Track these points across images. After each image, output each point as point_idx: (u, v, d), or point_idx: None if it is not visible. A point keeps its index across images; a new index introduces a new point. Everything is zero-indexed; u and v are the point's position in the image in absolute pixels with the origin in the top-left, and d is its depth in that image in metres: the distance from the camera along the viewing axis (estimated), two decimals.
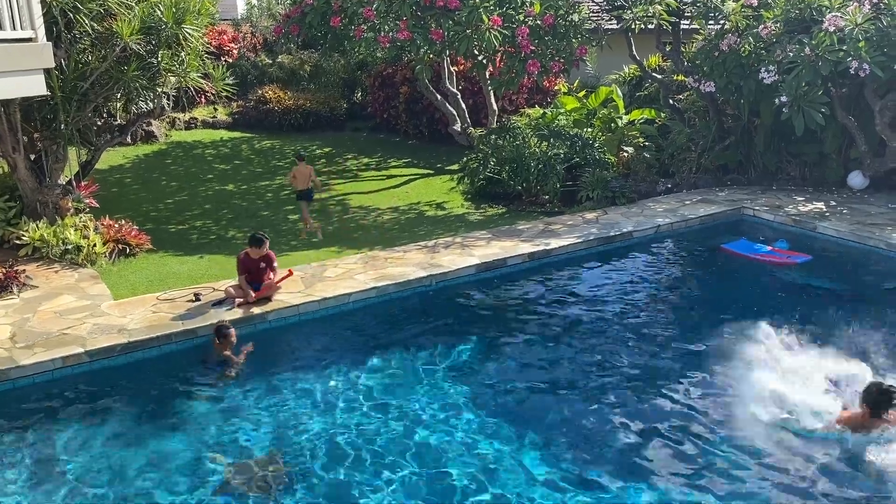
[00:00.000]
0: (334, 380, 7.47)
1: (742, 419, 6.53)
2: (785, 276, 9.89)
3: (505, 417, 6.78)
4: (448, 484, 5.88)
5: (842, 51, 10.93)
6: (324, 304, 8.83)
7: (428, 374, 7.59)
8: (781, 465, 5.96)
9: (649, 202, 12.86)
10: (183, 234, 12.04)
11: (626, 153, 14.61)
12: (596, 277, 10.15)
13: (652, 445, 6.31)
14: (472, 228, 11.87)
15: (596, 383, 7.38)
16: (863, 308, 8.75)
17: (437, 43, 12.60)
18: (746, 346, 7.66)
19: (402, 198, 14.13)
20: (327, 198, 14.13)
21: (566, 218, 12.15)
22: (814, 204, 12.43)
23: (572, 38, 12.94)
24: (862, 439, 6.05)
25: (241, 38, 21.23)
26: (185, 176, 15.47)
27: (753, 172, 14.05)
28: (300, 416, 6.84)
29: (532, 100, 18.65)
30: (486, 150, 13.99)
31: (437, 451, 6.29)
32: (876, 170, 12.89)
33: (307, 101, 19.40)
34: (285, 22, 14.38)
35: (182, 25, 10.52)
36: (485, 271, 10.02)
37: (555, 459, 6.14)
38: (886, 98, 12.09)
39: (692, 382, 7.30)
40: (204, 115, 19.52)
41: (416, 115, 18.53)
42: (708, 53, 13.00)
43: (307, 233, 11.76)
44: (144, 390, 7.36)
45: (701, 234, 11.60)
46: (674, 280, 10.28)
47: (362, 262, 10.12)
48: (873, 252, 10.49)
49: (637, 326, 8.55)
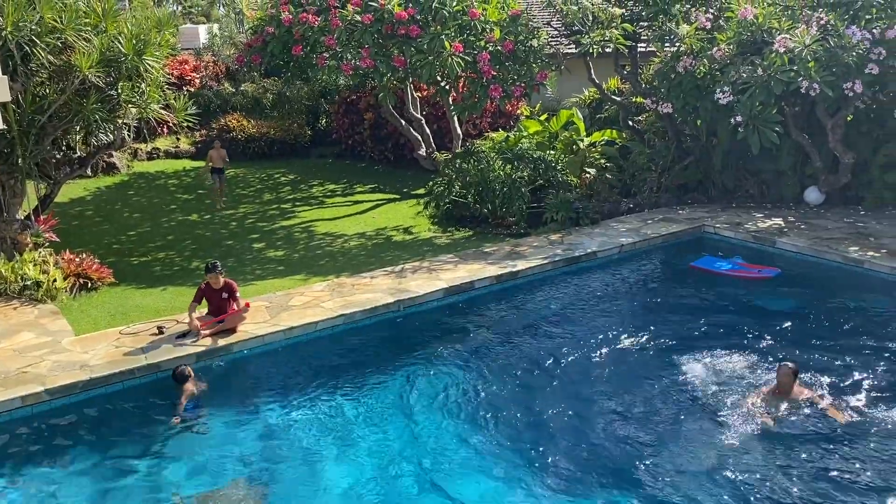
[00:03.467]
0: (301, 409, 7.40)
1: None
2: (742, 291, 10.07)
3: (479, 440, 6.78)
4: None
5: (792, 71, 11.24)
6: (290, 333, 8.76)
7: (398, 400, 7.56)
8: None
9: (612, 222, 13.03)
10: (146, 267, 11.89)
11: (588, 174, 14.80)
12: (562, 298, 10.22)
13: (628, 455, 6.37)
14: (439, 252, 11.91)
15: (568, 401, 7.40)
16: (820, 321, 8.95)
17: (399, 70, 12.71)
18: (710, 359, 7.83)
19: (369, 223, 14.13)
20: (293, 225, 14.07)
21: (532, 239, 12.25)
22: (772, 220, 12.70)
23: (532, 63, 13.14)
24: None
25: (203, 68, 21.18)
26: (147, 207, 15.31)
27: (713, 191, 14.33)
28: (266, 447, 6.76)
29: (495, 124, 18.83)
30: (451, 173, 14.08)
31: (409, 476, 6.27)
32: (831, 185, 13.23)
33: (271, 128, 19.38)
34: (247, 51, 14.38)
35: (142, 57, 10.47)
36: (453, 295, 10.04)
37: (535, 483, 6.15)
38: (837, 116, 12.45)
39: (664, 397, 7.39)
40: (166, 144, 19.39)
41: (382, 141, 18.60)
42: (665, 76, 13.29)
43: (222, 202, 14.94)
44: (107, 427, 7.21)
45: (663, 253, 11.78)
46: (637, 298, 10.38)
47: (329, 290, 10.08)
48: (831, 266, 10.74)
49: (604, 344, 8.61)
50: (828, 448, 6.38)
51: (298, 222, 14.31)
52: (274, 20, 13.36)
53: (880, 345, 8.24)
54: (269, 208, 15.30)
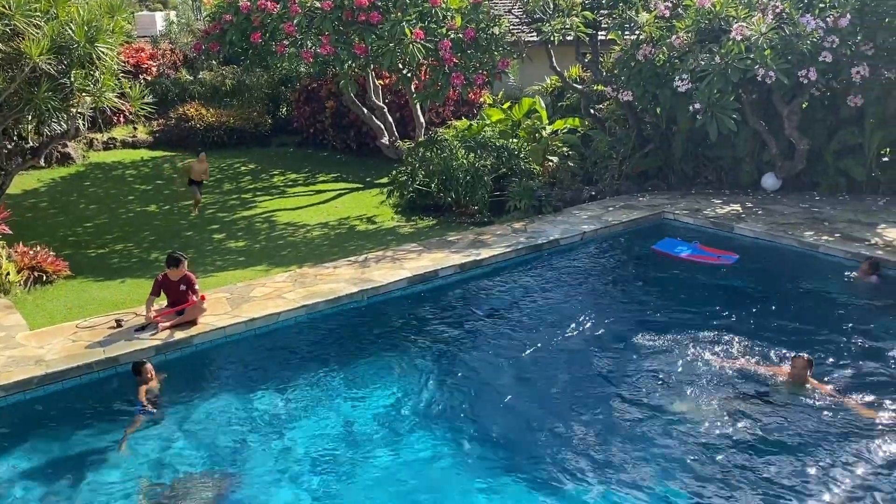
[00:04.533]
0: (263, 401, 7.34)
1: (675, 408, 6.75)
2: (701, 276, 10.23)
3: (445, 429, 6.80)
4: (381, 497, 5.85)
5: (749, 59, 11.41)
6: (251, 324, 8.67)
7: (362, 390, 7.54)
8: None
9: (574, 210, 13.12)
10: (103, 259, 11.65)
11: (550, 162, 14.87)
12: (526, 285, 10.28)
13: (596, 441, 6.45)
14: (402, 241, 11.87)
15: (533, 388, 7.47)
16: (777, 304, 9.15)
17: (360, 57, 12.60)
18: (672, 342, 7.98)
19: (332, 213, 14.02)
20: (254, 215, 13.91)
21: (495, 228, 12.29)
22: (730, 206, 12.92)
23: (494, 51, 13.14)
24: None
25: (160, 56, 20.75)
26: (104, 198, 14.99)
27: (673, 178, 14.51)
28: (228, 439, 6.69)
29: (458, 112, 18.79)
30: (414, 162, 14.04)
31: (373, 464, 6.26)
32: (787, 171, 13.49)
33: (230, 117, 19.08)
34: (205, 39, 14.13)
35: (95, 44, 10.20)
36: (416, 284, 10.03)
37: (493, 467, 6.19)
38: (793, 103, 12.68)
39: (630, 380, 7.50)
40: (123, 134, 18.97)
41: (344, 130, 18.44)
42: (625, 63, 13.40)
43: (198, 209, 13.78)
44: (65, 423, 7.06)
45: (624, 239, 11.91)
46: (598, 284, 10.48)
47: (291, 280, 10.00)
48: (787, 250, 10.97)
49: (567, 330, 8.69)
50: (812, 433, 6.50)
51: (259, 212, 14.15)
52: (232, 7, 13.14)
53: (835, 327, 8.45)
54: (229, 198, 15.09)
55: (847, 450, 6.24)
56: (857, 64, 11.75)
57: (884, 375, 7.46)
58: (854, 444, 6.29)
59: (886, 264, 9.91)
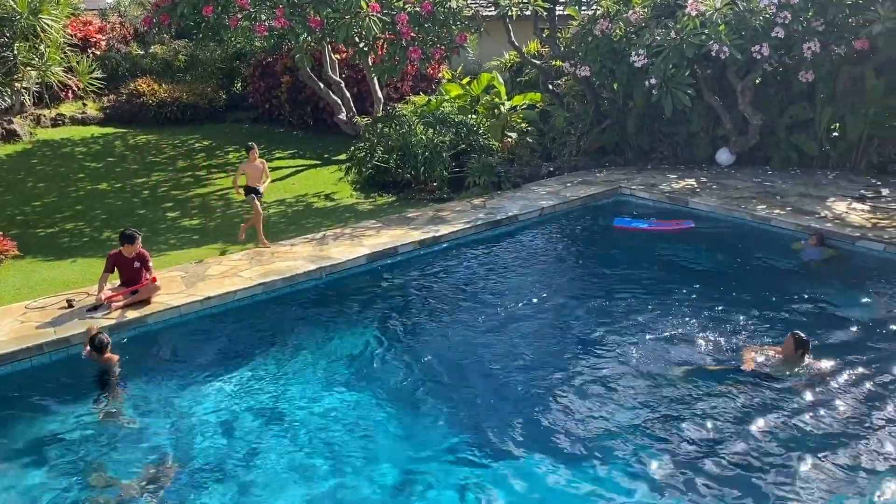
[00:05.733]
0: (219, 381, 7.25)
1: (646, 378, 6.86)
2: (658, 251, 10.38)
3: (402, 406, 6.80)
4: (340, 477, 5.85)
5: (704, 34, 11.52)
6: (207, 303, 8.54)
7: (320, 369, 7.50)
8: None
9: (533, 186, 13.17)
10: (53, 238, 11.35)
11: (510, 138, 14.88)
12: (486, 261, 10.31)
13: (564, 416, 6.50)
14: (361, 218, 11.79)
15: (495, 364, 7.49)
16: (731, 277, 9.34)
17: (316, 30, 12.37)
18: (628, 316, 8.06)
19: (289, 190, 13.85)
20: (209, 193, 13.67)
21: (455, 204, 12.27)
22: (685, 181, 13.09)
23: (452, 25, 13.01)
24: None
25: (109, 29, 20.16)
26: (53, 176, 14.58)
27: (630, 153, 14.64)
28: (185, 421, 6.61)
29: (417, 87, 18.67)
30: (372, 138, 13.92)
31: (332, 445, 6.25)
32: (741, 146, 13.71)
33: (184, 92, 18.67)
34: (155, 12, 13.70)
35: (39, 16, 9.85)
36: (376, 261, 9.99)
37: (454, 442, 6.23)
38: (746, 79, 12.86)
39: (593, 352, 7.60)
40: (72, 111, 18.44)
41: (300, 105, 18.19)
42: (583, 38, 13.42)
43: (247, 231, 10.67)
44: (15, 408, 6.89)
45: (582, 215, 12.00)
46: (556, 259, 10.56)
47: (248, 258, 9.86)
48: (741, 223, 11.18)
49: (526, 305, 8.75)
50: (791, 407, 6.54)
51: (214, 190, 13.91)
52: None
53: (787, 297, 8.66)
54: (183, 175, 14.80)
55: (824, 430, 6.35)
56: (808, 40, 11.94)
57: (840, 339, 7.68)
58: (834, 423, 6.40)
59: (835, 237, 10.16)
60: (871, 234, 10.10)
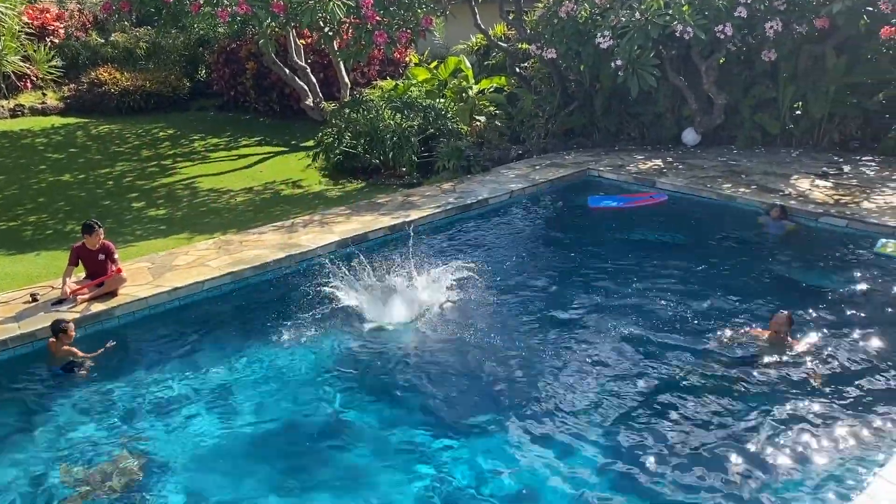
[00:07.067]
0: (188, 372, 7.18)
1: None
2: (627, 231, 10.47)
3: (376, 396, 6.80)
4: (311, 471, 5.84)
5: (668, 15, 11.58)
6: (175, 294, 8.44)
7: (292, 358, 7.46)
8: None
9: (502, 169, 13.19)
10: (15, 231, 11.12)
11: (478, 122, 14.87)
12: (457, 246, 10.31)
13: (534, 395, 6.55)
14: (330, 205, 11.72)
15: (471, 346, 7.49)
16: (700, 254, 9.46)
17: (279, 15, 12.19)
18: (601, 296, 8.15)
19: (256, 178, 13.72)
20: (174, 182, 13.48)
21: (424, 189, 12.25)
22: (653, 161, 13.20)
23: (417, 8, 12.94)
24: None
25: (67, 17, 19.71)
26: (13, 168, 14.27)
27: (597, 135, 14.71)
28: (154, 414, 6.54)
29: (384, 72, 18.55)
30: (340, 124, 13.83)
31: (306, 433, 6.24)
32: (706, 126, 13.85)
33: (146, 81, 18.37)
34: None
35: None
36: (345, 247, 9.94)
37: (423, 422, 6.25)
38: (710, 59, 12.97)
39: (565, 331, 7.66)
40: (31, 101, 18.05)
41: (266, 91, 18.00)
42: (548, 21, 13.42)
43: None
44: None
45: (551, 197, 12.07)
46: (527, 241, 10.60)
47: (215, 248, 9.76)
48: (707, 202, 11.31)
49: (499, 287, 8.77)
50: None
51: (180, 179, 13.73)
52: None
53: (754, 274, 8.81)
54: (148, 165, 14.58)
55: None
56: (770, 19, 12.07)
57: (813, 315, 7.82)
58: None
59: (798, 213, 10.33)
60: (833, 210, 10.29)
